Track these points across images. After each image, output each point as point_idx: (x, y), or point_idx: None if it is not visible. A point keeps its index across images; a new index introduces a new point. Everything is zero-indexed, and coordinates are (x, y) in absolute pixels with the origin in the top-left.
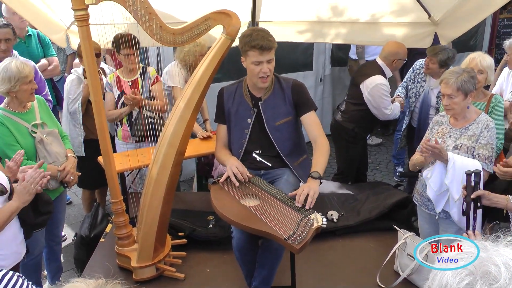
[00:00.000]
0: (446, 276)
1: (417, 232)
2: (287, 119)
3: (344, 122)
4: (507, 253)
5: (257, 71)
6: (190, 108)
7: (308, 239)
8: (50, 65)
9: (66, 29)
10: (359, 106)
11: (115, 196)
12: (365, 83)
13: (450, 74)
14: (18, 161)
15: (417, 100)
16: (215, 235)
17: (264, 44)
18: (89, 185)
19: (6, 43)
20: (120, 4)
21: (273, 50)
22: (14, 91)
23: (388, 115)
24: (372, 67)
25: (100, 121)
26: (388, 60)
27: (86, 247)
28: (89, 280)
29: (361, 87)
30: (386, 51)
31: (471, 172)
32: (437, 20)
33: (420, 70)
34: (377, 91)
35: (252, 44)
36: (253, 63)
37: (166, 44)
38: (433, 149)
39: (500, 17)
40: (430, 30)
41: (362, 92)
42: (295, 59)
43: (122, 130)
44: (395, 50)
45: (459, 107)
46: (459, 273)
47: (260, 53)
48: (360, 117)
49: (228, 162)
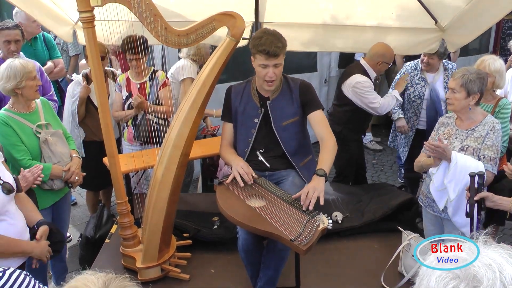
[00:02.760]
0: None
1: (421, 233)
2: (294, 119)
3: (332, 125)
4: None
5: (263, 74)
6: (195, 109)
7: (314, 241)
8: (56, 67)
9: (73, 24)
10: (344, 107)
11: (120, 197)
12: (345, 83)
13: (461, 70)
14: (36, 173)
15: (422, 101)
16: (220, 236)
17: (270, 50)
18: (92, 186)
19: (15, 44)
20: (125, 6)
21: (281, 56)
22: (20, 88)
23: (378, 107)
24: (355, 68)
25: (105, 122)
26: (373, 61)
27: (91, 247)
28: (99, 273)
29: (343, 89)
30: (373, 51)
31: (475, 174)
32: (444, 26)
33: (415, 72)
34: (358, 88)
35: (259, 49)
36: (260, 66)
37: (171, 46)
38: (436, 148)
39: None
40: (436, 36)
41: (344, 93)
42: (299, 61)
43: (128, 132)
44: (382, 52)
45: (459, 104)
46: (444, 277)
47: (266, 58)
48: (347, 118)
49: (234, 162)
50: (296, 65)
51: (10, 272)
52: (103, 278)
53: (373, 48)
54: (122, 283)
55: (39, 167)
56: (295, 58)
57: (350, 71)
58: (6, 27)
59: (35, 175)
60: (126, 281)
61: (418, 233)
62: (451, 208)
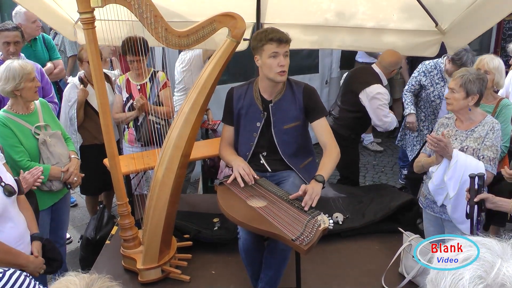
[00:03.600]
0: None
1: (422, 235)
2: (296, 123)
3: (339, 128)
4: None
5: (275, 64)
6: (196, 110)
7: (315, 240)
8: (56, 68)
9: (74, 23)
10: (355, 113)
11: (121, 198)
12: (365, 92)
13: (461, 70)
14: (36, 175)
15: (441, 101)
16: (221, 237)
17: (281, 36)
18: (92, 190)
19: (15, 46)
20: (125, 7)
21: (289, 44)
22: (19, 89)
23: (389, 123)
24: (371, 75)
25: (106, 124)
26: (387, 70)
27: (92, 249)
28: (82, 274)
29: (360, 96)
30: (387, 61)
31: (475, 175)
32: (445, 29)
33: (434, 71)
34: (378, 99)
35: (269, 37)
36: (270, 56)
37: (172, 47)
38: (439, 142)
39: (506, 19)
40: (437, 39)
41: (359, 100)
42: (300, 62)
43: (129, 133)
44: (395, 61)
45: (457, 104)
46: (476, 283)
47: (278, 45)
48: (356, 123)
49: (234, 163)
50: (298, 66)
51: (10, 273)
52: (85, 279)
53: (386, 58)
54: (105, 283)
55: (39, 169)
56: (296, 59)
57: (366, 79)
58: (6, 29)
59: (35, 177)
60: (108, 281)
61: (419, 234)
62: (450, 206)
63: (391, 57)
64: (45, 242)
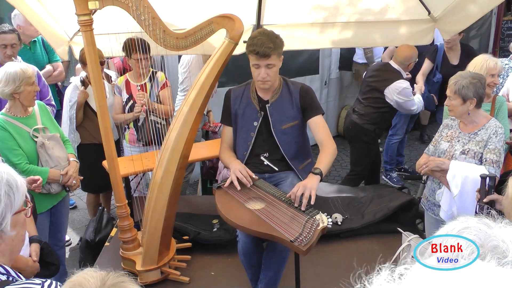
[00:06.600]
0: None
1: (421, 234)
2: (293, 123)
3: (365, 124)
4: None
5: (256, 74)
6: (194, 111)
7: (314, 240)
8: (55, 71)
9: (68, 40)
10: (380, 109)
11: (120, 200)
12: (390, 89)
13: (455, 77)
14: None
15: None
16: (220, 239)
17: (260, 51)
18: (92, 188)
19: (12, 49)
20: (123, 9)
21: (272, 57)
22: (18, 92)
23: (415, 110)
24: (392, 72)
25: (104, 125)
26: (404, 64)
27: (91, 251)
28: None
29: (386, 93)
30: (402, 56)
31: (486, 175)
32: (436, 16)
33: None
34: (404, 95)
35: (249, 49)
36: (253, 65)
37: (170, 49)
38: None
39: (504, 19)
40: (430, 27)
41: (384, 97)
42: (301, 64)
43: (129, 134)
44: (410, 54)
45: (457, 110)
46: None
47: (257, 58)
48: (381, 118)
49: (232, 166)
50: (298, 68)
51: (48, 284)
52: (102, 274)
53: (402, 53)
54: (119, 278)
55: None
56: (297, 61)
57: (391, 77)
58: (3, 31)
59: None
60: (123, 277)
61: (418, 234)
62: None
63: (406, 51)
64: (43, 245)
